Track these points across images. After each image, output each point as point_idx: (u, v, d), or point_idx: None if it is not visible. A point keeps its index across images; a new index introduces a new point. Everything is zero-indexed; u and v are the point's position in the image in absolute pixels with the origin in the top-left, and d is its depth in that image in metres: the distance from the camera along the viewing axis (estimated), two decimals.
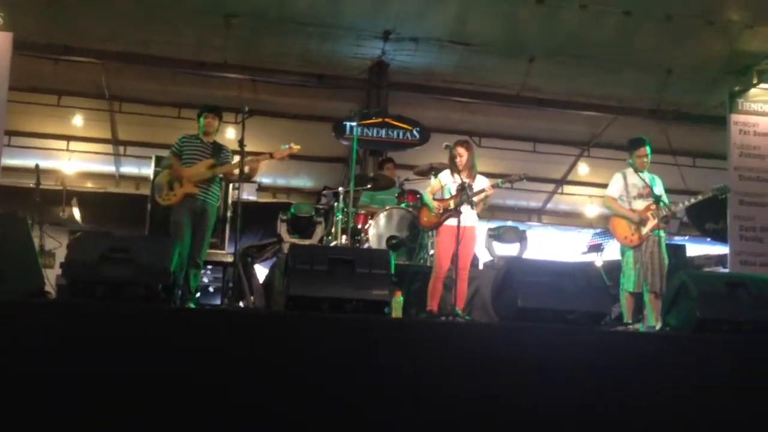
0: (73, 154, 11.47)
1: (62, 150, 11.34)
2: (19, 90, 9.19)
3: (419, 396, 3.56)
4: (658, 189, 5.91)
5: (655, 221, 5.74)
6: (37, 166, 7.91)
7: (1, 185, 6.77)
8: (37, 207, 7.40)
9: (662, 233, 5.76)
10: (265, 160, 5.96)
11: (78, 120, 10.83)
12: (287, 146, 6.04)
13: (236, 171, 5.77)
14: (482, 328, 4.50)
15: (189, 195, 5.73)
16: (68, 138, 11.26)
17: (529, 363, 3.68)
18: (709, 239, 11.20)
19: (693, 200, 6.05)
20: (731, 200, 8.19)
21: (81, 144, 11.40)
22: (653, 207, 5.77)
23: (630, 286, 5.73)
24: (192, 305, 5.54)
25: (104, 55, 9.50)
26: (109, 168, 11.96)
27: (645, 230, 5.74)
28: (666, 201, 5.82)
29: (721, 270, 8.86)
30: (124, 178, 11.88)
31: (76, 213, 9.23)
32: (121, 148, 11.40)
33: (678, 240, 11.78)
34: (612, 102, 10.56)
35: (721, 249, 9.80)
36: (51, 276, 6.57)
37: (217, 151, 5.97)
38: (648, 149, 5.94)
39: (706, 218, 10.71)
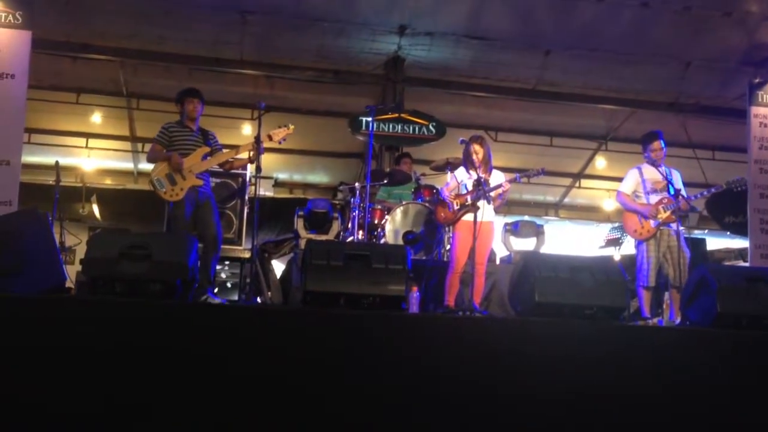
0: (92, 152, 11.57)
1: (81, 147, 11.44)
2: (39, 88, 9.28)
3: (436, 391, 3.57)
4: (677, 182, 5.87)
5: (667, 214, 5.71)
6: (57, 163, 7.99)
7: (22, 182, 6.82)
8: (57, 204, 7.48)
9: (678, 226, 5.71)
10: (265, 143, 5.70)
11: (97, 117, 10.92)
12: (284, 127, 5.83)
13: (240, 157, 5.76)
14: (499, 323, 4.49)
15: (193, 188, 5.58)
16: (87, 135, 11.36)
17: (547, 358, 3.67)
18: (728, 233, 11.10)
19: (707, 193, 6.02)
20: (751, 193, 8.11)
21: (100, 141, 11.50)
22: (665, 200, 5.75)
23: (644, 280, 5.71)
24: (211, 295, 5.55)
25: (122, 53, 9.57)
26: (128, 165, 12.05)
27: (654, 224, 5.72)
28: (684, 194, 5.79)
29: (742, 264, 8.78)
30: (142, 174, 11.95)
31: (96, 210, 9.33)
32: (139, 145, 11.47)
33: (698, 234, 11.68)
34: (629, 95, 10.47)
35: (741, 242, 9.71)
36: (72, 272, 6.64)
37: (206, 137, 5.79)
38: (662, 143, 5.91)
39: (726, 212, 10.61)
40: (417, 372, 3.58)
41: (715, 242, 10.55)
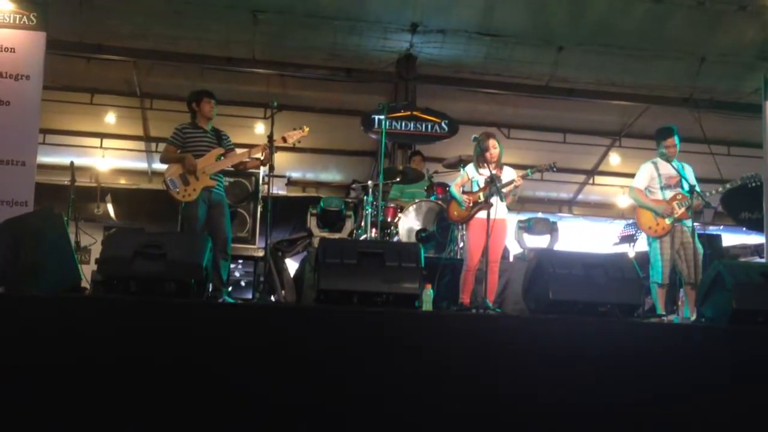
0: (107, 152, 11.65)
1: (96, 147, 11.52)
2: (53, 89, 9.36)
3: (450, 388, 3.56)
4: (691, 178, 5.81)
5: (681, 211, 5.65)
6: (71, 163, 8.04)
7: (38, 183, 6.87)
8: (72, 204, 7.52)
9: (691, 223, 5.65)
10: (280, 145, 5.70)
11: (111, 117, 10.99)
12: (298, 129, 5.81)
13: (253, 157, 5.76)
14: (513, 321, 4.48)
15: (206, 188, 5.59)
16: (101, 135, 11.44)
17: (561, 355, 3.66)
18: (744, 229, 11.01)
19: (722, 189, 5.95)
20: (767, 189, 8.03)
21: (114, 141, 11.58)
22: (680, 197, 5.70)
23: (658, 277, 5.66)
24: (226, 297, 5.57)
25: (135, 53, 9.65)
26: (142, 164, 12.12)
27: (669, 221, 5.67)
28: (698, 191, 5.73)
29: (758, 260, 8.71)
30: (156, 174, 12.01)
31: (110, 209, 9.37)
32: (153, 145, 11.54)
33: (713, 230, 11.59)
34: (643, 91, 10.41)
35: (757, 239, 9.62)
36: (87, 271, 6.68)
37: (219, 137, 5.81)
38: (676, 139, 5.85)
39: (742, 207, 10.51)
40: (431, 369, 3.58)
41: (731, 238, 10.44)
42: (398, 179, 7.36)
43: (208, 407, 3.42)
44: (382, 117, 7.70)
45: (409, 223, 6.85)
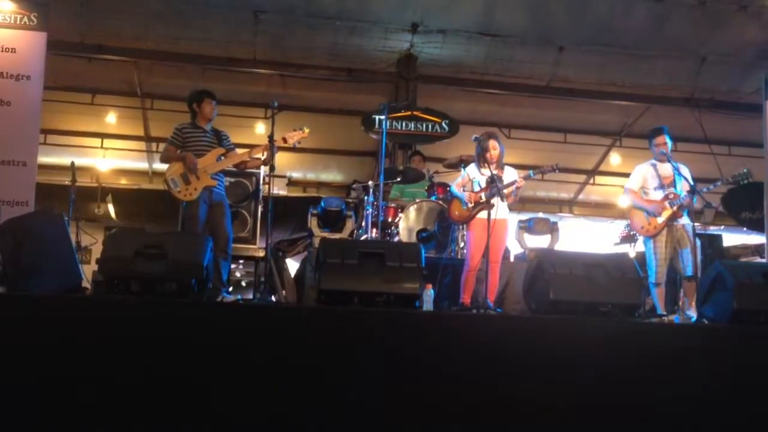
0: (107, 152, 11.66)
1: (96, 147, 11.53)
2: (54, 89, 9.37)
3: (451, 388, 3.56)
4: (689, 178, 5.81)
5: (674, 209, 5.66)
6: (72, 163, 8.04)
7: (38, 183, 6.88)
8: (73, 204, 7.53)
9: (688, 220, 5.64)
10: (280, 145, 5.70)
11: (111, 118, 11.00)
12: (299, 130, 5.83)
13: (254, 157, 5.77)
14: (514, 321, 4.48)
15: (207, 188, 5.61)
16: (102, 135, 11.45)
17: (561, 355, 3.66)
18: (745, 229, 11.01)
19: (712, 187, 5.96)
20: None
21: (115, 141, 11.59)
22: (671, 196, 5.71)
23: (653, 277, 5.67)
24: (227, 297, 5.57)
25: (136, 53, 9.65)
26: (143, 165, 12.13)
27: (661, 220, 5.68)
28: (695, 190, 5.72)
29: (758, 260, 8.71)
30: (157, 174, 12.02)
31: (111, 210, 9.38)
32: (154, 145, 11.54)
33: (714, 230, 11.58)
34: (644, 91, 10.41)
35: (758, 239, 9.62)
36: (87, 271, 6.68)
37: (219, 137, 5.83)
38: (667, 138, 5.87)
39: (742, 207, 10.51)
40: (431, 370, 3.58)
41: (732, 238, 10.45)
42: (399, 179, 7.36)
43: (206, 407, 3.42)
44: (382, 117, 7.69)
45: (409, 223, 6.85)
